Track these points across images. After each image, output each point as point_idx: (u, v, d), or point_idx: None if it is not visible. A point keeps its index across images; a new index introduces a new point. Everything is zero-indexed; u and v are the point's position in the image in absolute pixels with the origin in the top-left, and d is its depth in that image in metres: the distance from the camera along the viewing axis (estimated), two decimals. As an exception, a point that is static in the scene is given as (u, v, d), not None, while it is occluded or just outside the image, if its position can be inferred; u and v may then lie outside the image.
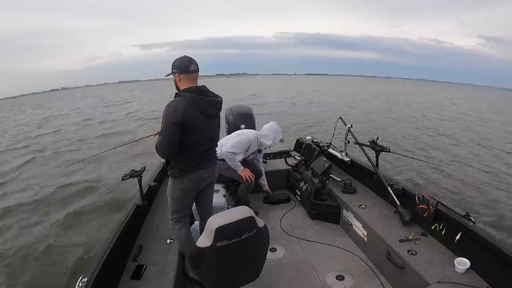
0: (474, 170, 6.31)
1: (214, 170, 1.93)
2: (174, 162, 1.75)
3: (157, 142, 1.68)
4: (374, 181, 2.55)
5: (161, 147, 1.66)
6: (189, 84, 1.68)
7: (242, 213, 1.30)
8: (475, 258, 1.63)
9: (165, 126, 1.61)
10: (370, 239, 2.21)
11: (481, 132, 10.78)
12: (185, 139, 1.66)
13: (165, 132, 1.62)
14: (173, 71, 1.70)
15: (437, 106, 19.89)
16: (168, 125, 1.60)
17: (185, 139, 1.66)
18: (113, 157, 7.19)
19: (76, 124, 13.80)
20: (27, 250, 3.71)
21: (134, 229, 2.08)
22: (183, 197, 1.82)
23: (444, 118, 14.18)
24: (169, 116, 1.59)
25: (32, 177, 6.61)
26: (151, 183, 2.57)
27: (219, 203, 2.57)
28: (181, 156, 1.72)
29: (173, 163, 1.76)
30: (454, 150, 7.91)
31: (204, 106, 1.67)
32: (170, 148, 1.66)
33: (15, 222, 4.51)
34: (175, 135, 1.61)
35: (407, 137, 9.24)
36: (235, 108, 3.39)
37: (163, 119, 1.62)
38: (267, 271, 2.04)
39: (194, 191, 1.86)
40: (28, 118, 18.58)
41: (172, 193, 1.82)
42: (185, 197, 1.83)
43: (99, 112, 18.45)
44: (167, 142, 1.64)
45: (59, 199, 5.27)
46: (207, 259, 1.27)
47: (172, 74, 1.72)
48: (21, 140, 11.13)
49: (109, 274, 1.53)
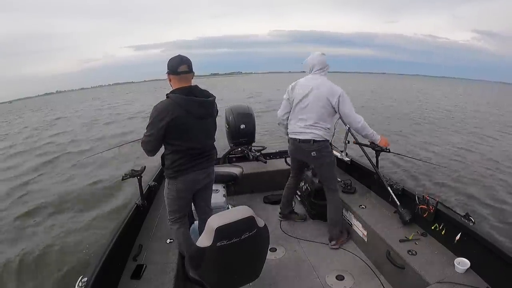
0: (474, 170, 6.31)
1: (210, 171, 1.91)
2: (168, 163, 1.75)
3: (143, 140, 1.71)
4: (374, 181, 2.55)
5: (144, 145, 1.71)
6: (179, 85, 1.69)
7: (242, 213, 1.30)
8: (475, 258, 1.63)
9: (148, 126, 1.65)
10: (370, 239, 2.21)
11: (481, 131, 10.77)
12: (173, 140, 1.67)
13: (148, 131, 1.66)
14: (167, 71, 1.71)
15: (435, 103, 19.83)
16: (151, 125, 1.63)
17: (173, 141, 1.68)
18: (113, 157, 7.19)
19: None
20: (27, 250, 3.71)
21: (134, 229, 2.08)
22: (178, 198, 1.82)
23: (443, 115, 14.16)
24: (153, 117, 1.63)
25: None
26: (151, 183, 2.57)
27: (219, 203, 2.57)
28: (174, 157, 1.72)
29: (167, 164, 1.76)
30: (454, 150, 7.91)
31: (192, 107, 1.66)
32: (151, 147, 1.69)
33: (13, 221, 4.52)
34: (157, 135, 1.63)
35: (407, 136, 9.24)
36: (235, 108, 3.40)
37: (149, 118, 1.65)
38: (267, 271, 2.05)
39: (189, 192, 1.85)
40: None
41: (168, 193, 1.83)
42: (180, 198, 1.83)
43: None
44: (149, 142, 1.67)
45: (58, 199, 5.28)
46: (207, 259, 1.27)
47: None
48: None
49: (109, 274, 1.53)
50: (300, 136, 2.28)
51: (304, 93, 2.23)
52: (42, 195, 5.46)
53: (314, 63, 2.27)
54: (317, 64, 2.26)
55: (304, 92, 2.23)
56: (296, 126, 2.31)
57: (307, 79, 2.29)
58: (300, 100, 2.25)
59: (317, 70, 2.26)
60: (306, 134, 2.25)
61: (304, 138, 2.25)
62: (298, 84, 2.30)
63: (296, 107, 2.29)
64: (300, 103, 2.25)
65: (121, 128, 12.22)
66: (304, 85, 2.26)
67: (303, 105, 2.24)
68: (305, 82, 2.28)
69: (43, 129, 14.14)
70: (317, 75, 2.26)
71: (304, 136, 2.26)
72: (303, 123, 2.26)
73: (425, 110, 15.18)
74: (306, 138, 2.25)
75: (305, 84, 2.26)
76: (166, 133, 1.63)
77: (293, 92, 2.31)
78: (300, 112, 2.28)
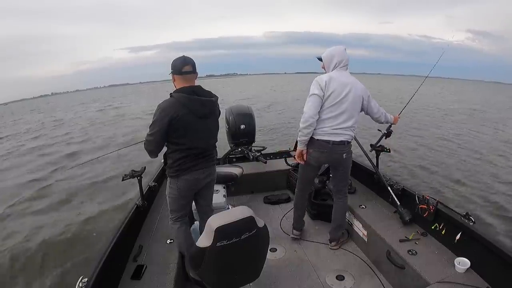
0: (475, 169, 6.31)
1: (212, 171, 1.92)
2: (170, 162, 1.76)
3: (145, 140, 1.72)
4: (374, 181, 2.55)
5: (147, 144, 1.71)
6: (183, 85, 1.71)
7: (242, 213, 1.30)
8: (475, 258, 1.63)
9: (152, 125, 1.65)
10: (370, 239, 2.21)
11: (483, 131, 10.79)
12: (176, 139, 1.69)
13: (151, 130, 1.66)
14: (171, 71, 1.74)
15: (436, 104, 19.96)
16: (154, 123, 1.64)
17: (175, 139, 1.69)
18: (113, 157, 7.18)
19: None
20: (27, 250, 3.72)
21: (134, 229, 2.09)
22: (180, 197, 1.83)
23: (442, 115, 14.20)
24: (156, 115, 1.63)
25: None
26: (151, 183, 2.58)
27: (219, 203, 2.57)
28: (176, 156, 1.73)
29: (170, 162, 1.77)
30: (454, 150, 7.91)
31: (194, 106, 1.67)
32: (155, 146, 1.70)
33: (11, 222, 4.52)
34: (160, 134, 1.64)
35: (407, 136, 9.25)
36: (235, 108, 3.39)
37: (153, 117, 1.66)
38: (267, 271, 2.04)
39: (190, 191, 1.86)
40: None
41: (170, 192, 1.84)
42: (182, 197, 1.84)
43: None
44: (152, 140, 1.68)
45: (59, 199, 5.28)
46: (207, 259, 1.27)
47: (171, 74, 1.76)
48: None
49: (109, 274, 1.53)
50: (335, 137, 2.06)
51: (344, 91, 2.02)
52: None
53: (342, 57, 2.05)
54: (345, 59, 2.06)
55: (344, 90, 2.02)
56: (329, 128, 2.06)
57: (341, 75, 2.05)
58: (340, 99, 2.02)
59: (344, 65, 2.06)
60: (341, 136, 2.07)
61: (340, 140, 2.07)
62: (333, 80, 2.02)
63: (333, 106, 2.03)
64: (339, 102, 2.02)
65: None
66: (342, 83, 2.02)
67: (343, 104, 2.03)
68: (342, 79, 2.03)
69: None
70: (347, 71, 2.09)
71: (340, 137, 2.07)
72: (342, 124, 2.05)
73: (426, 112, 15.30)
74: (341, 139, 2.07)
75: (343, 81, 2.02)
76: (169, 131, 1.64)
77: (328, 88, 2.01)
78: (337, 112, 2.03)
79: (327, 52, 2.10)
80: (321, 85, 2.01)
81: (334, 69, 2.07)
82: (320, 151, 2.10)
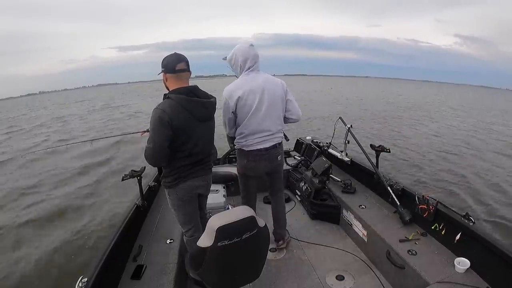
0: (474, 169, 6.32)
1: (210, 178, 1.83)
2: (167, 170, 1.63)
3: (146, 150, 1.53)
4: (374, 181, 2.55)
5: (150, 154, 1.52)
6: (178, 85, 1.55)
7: (243, 213, 1.30)
8: (475, 258, 1.63)
9: (152, 132, 1.48)
10: (370, 239, 2.21)
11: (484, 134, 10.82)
12: (175, 145, 1.54)
13: (153, 138, 1.48)
14: (162, 70, 1.57)
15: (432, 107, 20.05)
16: (155, 130, 1.47)
17: (175, 145, 1.54)
18: (114, 157, 7.18)
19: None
20: (27, 250, 3.71)
21: (134, 229, 2.08)
22: (184, 204, 1.72)
23: (441, 117, 14.24)
24: (156, 120, 1.46)
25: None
26: (151, 183, 2.57)
27: (219, 203, 2.57)
28: (176, 165, 1.60)
29: (166, 171, 1.64)
30: (454, 150, 7.93)
31: (195, 108, 1.54)
32: (159, 155, 1.52)
33: (10, 220, 4.51)
34: (164, 140, 1.48)
35: (405, 137, 9.26)
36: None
37: (151, 124, 1.48)
38: (267, 271, 2.05)
39: (191, 195, 1.73)
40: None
41: (172, 204, 1.73)
42: (185, 203, 1.72)
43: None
44: (156, 149, 1.49)
45: (58, 199, 5.27)
46: (208, 259, 1.27)
47: (161, 73, 1.59)
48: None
49: (109, 274, 1.53)
50: (266, 144, 1.98)
51: (256, 98, 1.87)
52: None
53: (246, 57, 1.85)
54: (251, 58, 1.86)
55: (256, 97, 1.87)
56: (257, 138, 1.96)
57: (252, 79, 1.87)
58: (256, 107, 1.88)
59: (250, 66, 1.88)
60: (270, 142, 2.00)
61: (270, 145, 2.00)
62: (240, 89, 1.85)
63: (251, 119, 1.90)
64: (256, 110, 1.89)
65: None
66: (251, 90, 1.86)
67: (260, 112, 1.90)
68: (252, 84, 1.86)
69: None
70: (257, 73, 1.91)
71: (269, 143, 2.00)
72: (268, 132, 1.96)
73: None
74: (272, 144, 2.01)
75: (252, 88, 1.86)
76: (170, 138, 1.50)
77: (238, 103, 1.86)
78: (258, 121, 1.91)
79: (231, 53, 1.90)
80: (227, 103, 1.89)
81: (242, 72, 1.89)
82: (253, 161, 2.02)
